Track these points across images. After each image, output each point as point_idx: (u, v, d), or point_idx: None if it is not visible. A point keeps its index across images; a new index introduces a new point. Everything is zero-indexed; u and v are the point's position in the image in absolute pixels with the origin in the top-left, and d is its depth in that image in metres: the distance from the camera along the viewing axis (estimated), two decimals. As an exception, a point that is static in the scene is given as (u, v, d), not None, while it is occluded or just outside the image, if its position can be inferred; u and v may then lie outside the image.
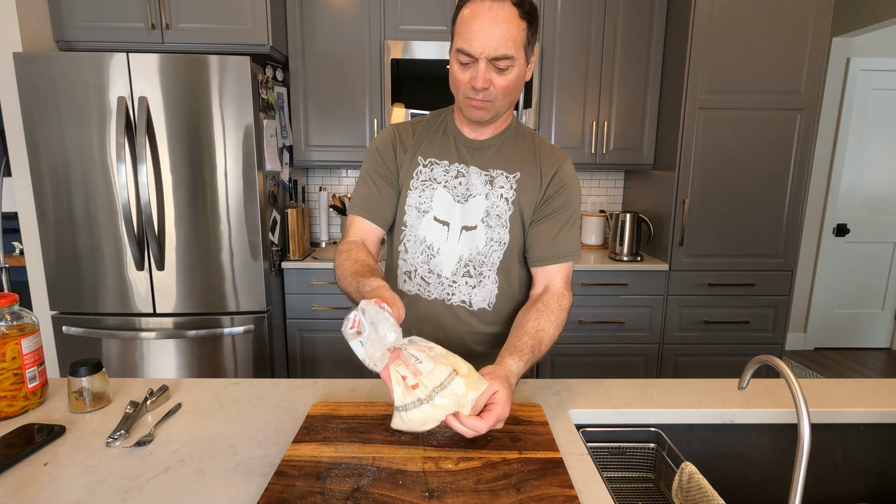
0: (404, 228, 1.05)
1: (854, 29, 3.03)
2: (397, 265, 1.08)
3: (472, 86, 0.89)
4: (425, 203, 1.02)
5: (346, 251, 0.97)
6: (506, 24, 0.84)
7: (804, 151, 2.29)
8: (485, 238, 1.01)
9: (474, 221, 1.01)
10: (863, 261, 3.46)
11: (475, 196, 1.00)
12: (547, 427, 0.82)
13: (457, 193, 1.01)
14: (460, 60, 0.89)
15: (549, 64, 2.45)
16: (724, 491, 0.97)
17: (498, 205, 1.00)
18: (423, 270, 1.04)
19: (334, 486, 0.67)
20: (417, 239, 1.03)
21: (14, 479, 0.70)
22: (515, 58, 0.87)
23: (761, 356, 0.72)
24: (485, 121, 0.97)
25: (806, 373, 3.19)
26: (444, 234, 1.02)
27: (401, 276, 1.07)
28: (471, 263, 1.02)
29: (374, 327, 0.68)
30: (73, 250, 2.03)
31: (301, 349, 2.40)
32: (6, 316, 0.87)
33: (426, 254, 1.03)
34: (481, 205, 1.00)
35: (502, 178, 1.01)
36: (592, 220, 2.80)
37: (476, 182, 1.01)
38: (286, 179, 2.45)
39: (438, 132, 1.05)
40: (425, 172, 1.03)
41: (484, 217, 1.01)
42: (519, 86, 0.93)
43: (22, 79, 1.90)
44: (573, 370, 2.45)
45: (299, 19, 2.36)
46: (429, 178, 1.02)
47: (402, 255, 1.06)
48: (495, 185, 1.01)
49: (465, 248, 1.02)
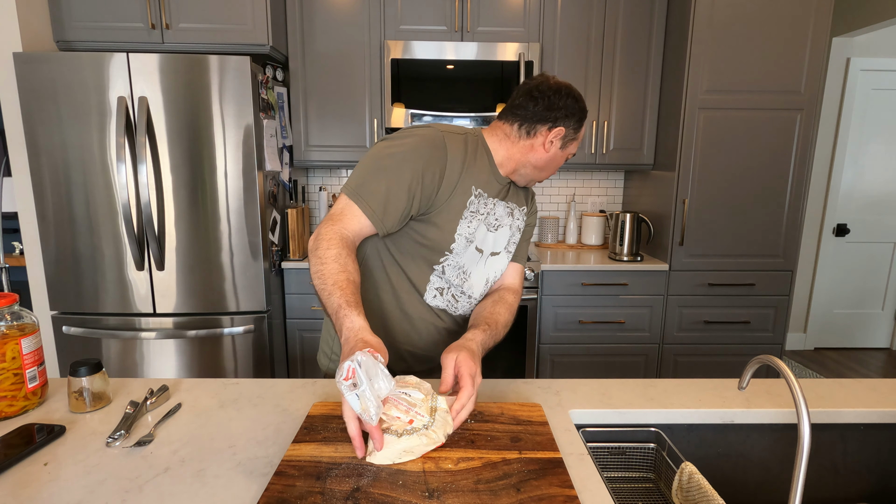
0: (448, 254, 1.03)
1: (854, 29, 3.03)
2: (428, 280, 1.04)
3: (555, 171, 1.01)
4: (473, 233, 1.03)
5: (336, 247, 0.88)
6: None
7: (804, 151, 2.29)
8: (504, 263, 1.11)
9: (499, 248, 1.09)
10: (863, 261, 3.46)
11: (503, 226, 1.08)
12: (547, 427, 0.82)
13: (489, 222, 1.06)
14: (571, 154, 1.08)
15: (549, 64, 2.45)
16: (724, 491, 0.97)
17: (514, 235, 1.12)
18: (456, 290, 1.07)
19: (334, 486, 0.67)
20: (458, 264, 1.05)
21: (14, 479, 0.70)
22: None
23: (761, 356, 0.72)
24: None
25: (806, 373, 3.19)
26: (477, 260, 1.07)
27: (430, 290, 1.05)
28: (489, 284, 1.11)
29: (370, 381, 0.68)
30: (73, 250, 2.03)
31: (301, 349, 2.40)
32: (6, 316, 0.87)
33: (461, 276, 1.06)
34: (506, 234, 1.09)
35: (517, 211, 1.12)
36: (592, 220, 2.80)
37: (502, 213, 1.07)
38: (286, 179, 2.45)
39: (484, 160, 1.04)
40: (475, 203, 1.02)
41: (506, 245, 1.10)
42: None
43: (22, 79, 1.90)
44: (573, 370, 2.45)
45: (299, 19, 2.36)
46: (476, 210, 1.03)
47: (438, 273, 1.04)
48: (514, 216, 1.11)
49: (490, 272, 1.09)
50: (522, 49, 2.36)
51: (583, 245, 2.83)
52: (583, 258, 2.52)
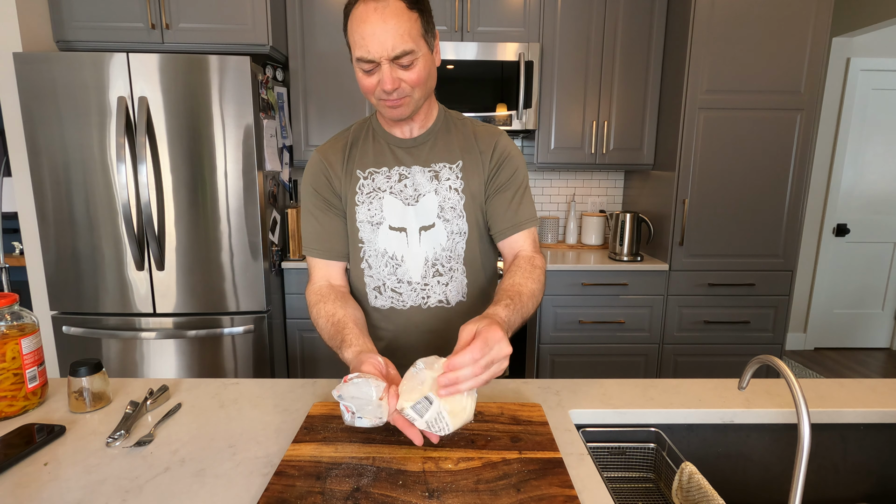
0: (362, 245, 1.03)
1: (854, 29, 3.03)
2: (364, 283, 1.05)
3: (382, 89, 0.87)
4: (376, 214, 1.00)
5: (314, 305, 0.97)
6: (395, 20, 0.82)
7: (804, 151, 2.29)
8: (445, 233, 1.01)
9: (430, 219, 1.00)
10: (863, 261, 3.46)
11: (425, 195, 1.00)
12: (547, 427, 0.82)
13: (405, 196, 1.00)
14: (363, 69, 0.88)
15: (549, 64, 2.45)
16: (724, 491, 0.97)
17: (449, 197, 1.00)
18: (391, 282, 1.03)
19: (334, 486, 0.67)
20: (378, 252, 1.02)
21: (14, 479, 0.70)
22: (416, 50, 0.86)
23: (761, 356, 0.72)
24: (406, 116, 0.94)
25: (806, 373, 3.19)
26: (404, 241, 1.00)
27: (370, 293, 1.05)
28: (438, 261, 1.02)
29: (358, 399, 0.70)
30: (73, 250, 2.03)
31: (301, 349, 2.40)
32: (6, 316, 0.87)
33: (391, 265, 1.02)
34: (433, 201, 1.00)
35: (446, 170, 1.00)
36: (592, 220, 2.80)
37: (422, 180, 1.00)
38: (286, 179, 2.45)
39: (368, 141, 1.03)
40: (368, 184, 1.00)
41: (439, 213, 1.00)
42: (431, 74, 0.93)
43: (22, 79, 1.90)
44: (573, 370, 2.45)
45: (299, 19, 2.36)
46: (373, 189, 1.00)
47: (367, 272, 1.04)
48: (441, 178, 1.00)
49: (428, 249, 1.01)
50: (522, 49, 2.36)
51: (583, 245, 2.83)
52: (583, 258, 2.52)
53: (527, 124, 2.44)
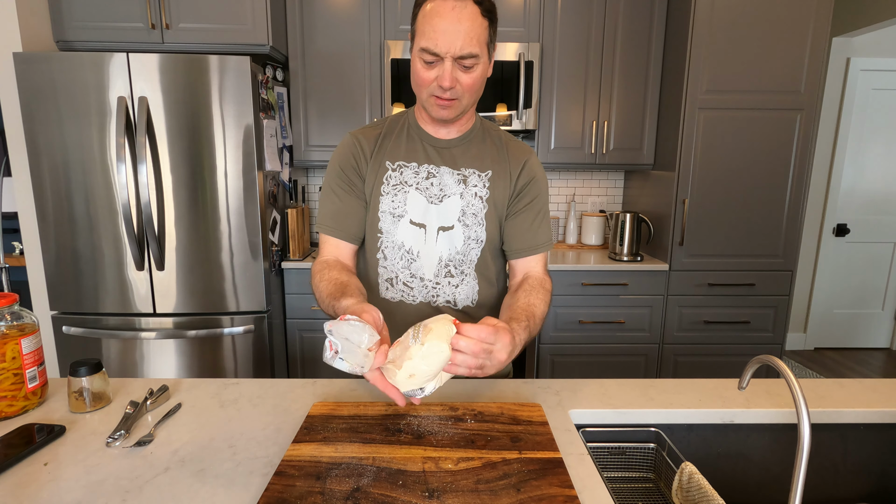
0: (380, 235, 1.03)
1: (854, 29, 3.03)
2: (377, 273, 1.05)
3: (439, 84, 0.89)
4: (399, 207, 1.01)
5: (318, 272, 0.96)
6: (470, 22, 0.85)
7: (804, 151, 2.29)
8: (462, 237, 1.02)
9: (451, 221, 1.01)
10: (863, 261, 3.47)
11: (450, 196, 1.01)
12: (547, 427, 0.82)
13: (430, 195, 1.01)
14: (425, 59, 0.89)
15: (549, 64, 2.45)
16: (724, 491, 0.97)
17: (473, 203, 1.01)
18: (404, 276, 1.03)
19: (334, 486, 0.67)
20: (395, 244, 1.02)
21: (14, 479, 0.70)
22: (480, 56, 0.89)
23: (761, 356, 0.72)
24: (451, 118, 0.97)
25: (806, 373, 3.19)
26: (422, 237, 1.01)
27: (382, 283, 1.05)
28: (451, 263, 1.03)
29: (347, 341, 0.69)
30: (73, 250, 2.03)
31: (301, 349, 2.40)
32: (6, 316, 0.87)
33: (406, 258, 1.02)
34: (457, 204, 1.01)
35: (475, 177, 1.02)
36: (592, 220, 2.80)
37: (449, 182, 1.01)
38: (286, 179, 2.45)
39: (403, 134, 1.04)
40: (395, 177, 1.01)
41: (460, 216, 1.01)
42: (483, 83, 0.95)
43: (22, 79, 1.90)
44: (573, 370, 2.45)
45: (299, 19, 2.36)
46: (399, 182, 1.01)
47: (382, 263, 1.04)
48: (469, 183, 1.01)
49: (444, 249, 1.02)
50: (522, 49, 2.36)
51: (583, 245, 2.83)
52: (583, 258, 2.52)
53: (527, 124, 2.44)
